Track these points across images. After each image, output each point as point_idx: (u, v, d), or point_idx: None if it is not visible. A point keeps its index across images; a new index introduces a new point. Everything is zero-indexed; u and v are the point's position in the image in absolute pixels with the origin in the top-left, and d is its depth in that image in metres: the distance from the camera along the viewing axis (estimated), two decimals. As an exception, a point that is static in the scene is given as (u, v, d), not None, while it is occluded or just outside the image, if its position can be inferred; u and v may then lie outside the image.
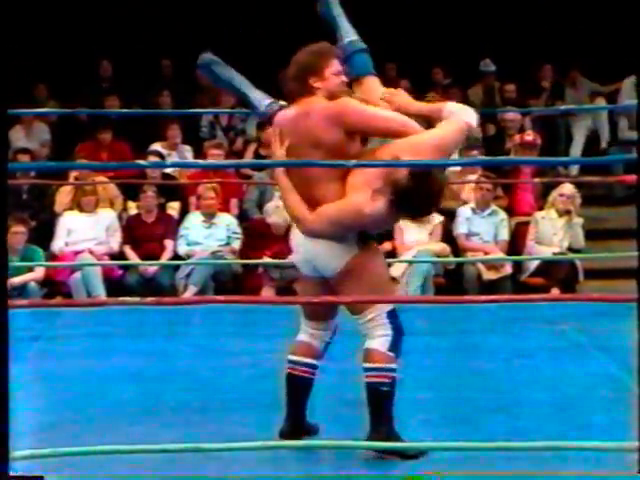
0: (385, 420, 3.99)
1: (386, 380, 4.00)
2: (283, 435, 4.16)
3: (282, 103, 4.15)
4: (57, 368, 5.13)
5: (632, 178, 8.05)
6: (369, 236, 4.08)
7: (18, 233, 8.09)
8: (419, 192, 3.83)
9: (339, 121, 3.94)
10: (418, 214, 4.14)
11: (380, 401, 4.01)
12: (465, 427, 4.25)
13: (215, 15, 11.49)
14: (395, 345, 4.03)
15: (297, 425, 4.17)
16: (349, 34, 4.39)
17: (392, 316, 4.02)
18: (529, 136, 9.52)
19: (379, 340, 4.02)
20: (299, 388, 4.21)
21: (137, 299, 4.63)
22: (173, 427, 4.24)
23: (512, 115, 10.32)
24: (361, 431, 3.91)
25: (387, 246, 8.62)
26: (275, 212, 8.84)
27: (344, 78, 4.11)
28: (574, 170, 10.63)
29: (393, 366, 4.02)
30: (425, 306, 6.06)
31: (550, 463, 3.66)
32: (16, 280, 7.90)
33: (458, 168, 8.99)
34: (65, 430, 4.15)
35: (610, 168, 10.46)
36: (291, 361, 4.23)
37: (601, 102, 11.16)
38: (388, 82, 12.44)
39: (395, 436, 3.95)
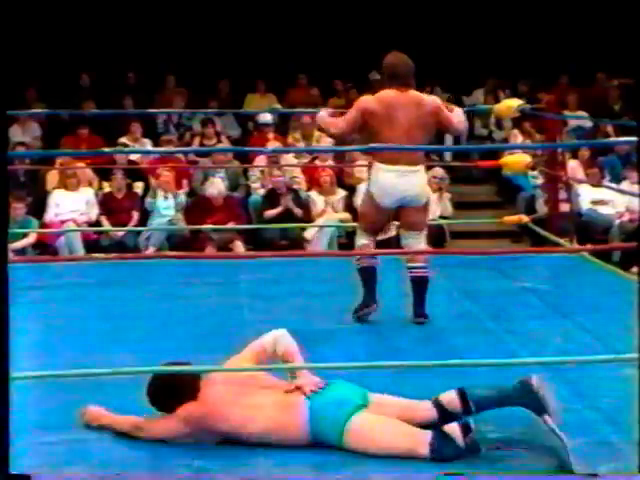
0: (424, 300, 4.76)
1: (427, 273, 4.76)
2: (357, 311, 4.73)
3: None
4: (46, 310, 5.12)
5: (486, 163, 8.22)
6: None
7: (17, 208, 8.14)
8: None
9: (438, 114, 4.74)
10: None
11: (424, 287, 4.74)
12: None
13: (167, 33, 11.42)
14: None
15: (369, 301, 4.77)
16: None
17: None
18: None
19: (424, 245, 4.82)
20: (370, 275, 4.77)
21: (103, 255, 4.63)
22: (140, 352, 4.21)
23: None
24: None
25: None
26: (210, 186, 8.88)
27: None
28: (448, 157, 10.80)
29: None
30: (330, 258, 6.36)
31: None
32: (17, 244, 7.93)
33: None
34: (60, 354, 4.19)
35: (470, 156, 10.59)
36: (358, 259, 4.82)
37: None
38: (299, 88, 12.35)
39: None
